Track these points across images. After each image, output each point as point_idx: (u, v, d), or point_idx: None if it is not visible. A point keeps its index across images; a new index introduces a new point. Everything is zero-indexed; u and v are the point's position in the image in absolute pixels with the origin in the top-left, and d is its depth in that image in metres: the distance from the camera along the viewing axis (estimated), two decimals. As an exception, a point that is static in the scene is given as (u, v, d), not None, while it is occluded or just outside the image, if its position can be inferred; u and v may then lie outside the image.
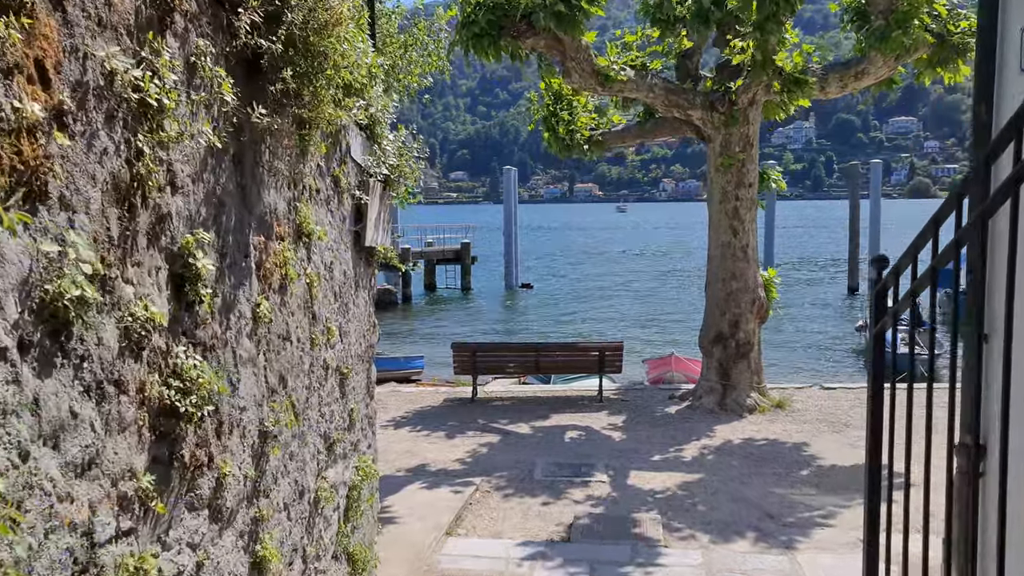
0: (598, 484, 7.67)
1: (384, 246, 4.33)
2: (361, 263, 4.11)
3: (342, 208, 3.74)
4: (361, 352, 4.15)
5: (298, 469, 3.05)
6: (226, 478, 2.26)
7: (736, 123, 9.95)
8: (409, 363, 16.91)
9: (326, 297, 3.48)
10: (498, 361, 11.51)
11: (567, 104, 11.21)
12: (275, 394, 2.74)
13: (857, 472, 7.85)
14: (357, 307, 4.04)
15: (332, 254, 3.58)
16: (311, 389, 3.24)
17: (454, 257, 34.93)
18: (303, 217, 3.08)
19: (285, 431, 2.86)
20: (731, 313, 10.31)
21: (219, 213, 2.30)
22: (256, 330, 2.57)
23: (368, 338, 4.29)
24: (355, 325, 4.02)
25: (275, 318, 2.77)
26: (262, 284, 2.65)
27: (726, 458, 8.42)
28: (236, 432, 2.37)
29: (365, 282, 4.22)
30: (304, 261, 3.17)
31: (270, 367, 2.70)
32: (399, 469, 8.22)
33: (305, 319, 3.16)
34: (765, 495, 7.31)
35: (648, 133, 11.11)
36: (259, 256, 2.64)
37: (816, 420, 9.76)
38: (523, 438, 9.35)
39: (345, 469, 3.83)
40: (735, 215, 10.20)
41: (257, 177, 2.61)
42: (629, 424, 9.87)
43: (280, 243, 2.82)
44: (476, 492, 7.50)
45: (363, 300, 4.16)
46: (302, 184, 3.10)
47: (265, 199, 2.69)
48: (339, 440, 3.68)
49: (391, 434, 9.61)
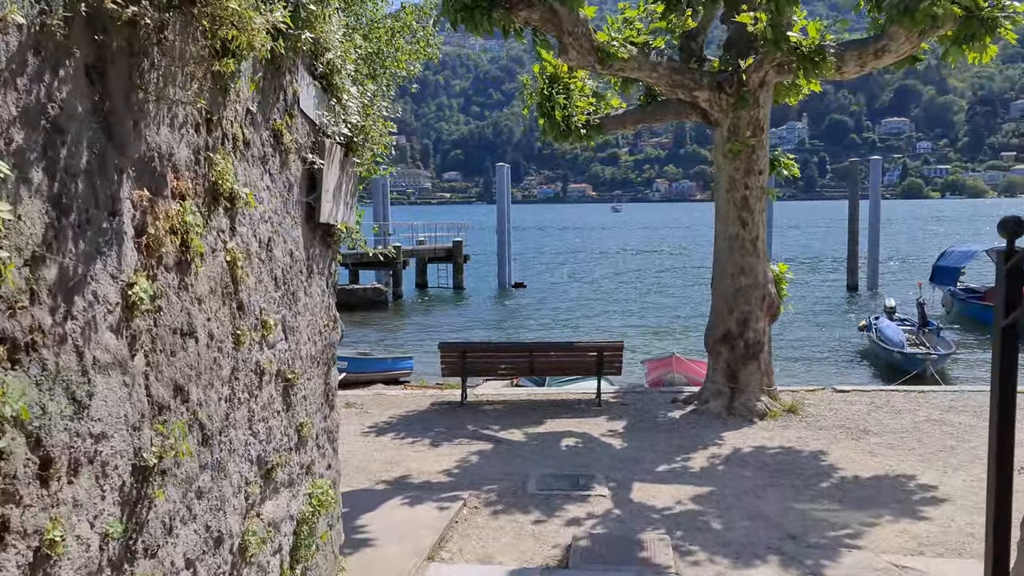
0: (598, 499, 6.92)
1: (347, 224, 3.58)
2: (316, 243, 3.36)
3: (287, 172, 2.99)
4: (316, 353, 3.40)
5: (212, 509, 2.30)
6: (56, 547, 1.50)
7: (745, 105, 9.22)
8: (397, 364, 16.17)
9: (261, 282, 2.73)
10: (489, 362, 10.75)
11: (563, 87, 10.46)
12: (165, 411, 1.99)
13: (882, 484, 7.13)
14: (310, 297, 3.29)
15: (271, 228, 2.83)
16: (234, 402, 2.50)
17: (446, 256, 34.18)
18: (221, 174, 2.33)
19: (186, 462, 2.11)
20: (739, 311, 9.58)
21: (53, 142, 1.55)
22: (129, 321, 1.82)
23: (326, 336, 3.54)
24: (307, 319, 3.27)
25: (167, 305, 2.02)
26: (144, 257, 1.90)
27: (738, 468, 7.68)
28: (86, 472, 1.63)
29: (322, 267, 3.47)
30: (224, 232, 2.42)
31: (157, 374, 1.96)
32: (379, 481, 7.45)
33: (224, 310, 2.41)
34: (784, 511, 6.57)
35: (650, 117, 10.36)
36: (139, 217, 1.89)
37: (832, 426, 9.04)
38: (515, 446, 8.59)
39: (292, 499, 3.08)
40: (744, 205, 9.47)
41: (135, 104, 1.86)
42: (630, 430, 9.12)
43: (179, 203, 2.08)
44: (463, 508, 6.73)
45: (319, 289, 3.41)
46: (220, 130, 2.35)
47: (151, 138, 1.94)
48: (281, 464, 2.93)
49: (372, 442, 8.84)
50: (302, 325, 3.20)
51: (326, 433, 3.57)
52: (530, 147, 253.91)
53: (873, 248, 30.66)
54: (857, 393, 10.62)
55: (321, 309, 3.47)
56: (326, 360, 3.56)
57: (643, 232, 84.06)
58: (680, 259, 50.20)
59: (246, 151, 2.58)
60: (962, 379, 15.93)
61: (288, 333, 3.03)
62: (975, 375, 16.59)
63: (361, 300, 28.39)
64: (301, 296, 3.18)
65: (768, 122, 9.53)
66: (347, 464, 8.00)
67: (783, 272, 10.06)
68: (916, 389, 10.77)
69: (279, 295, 2.92)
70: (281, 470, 2.93)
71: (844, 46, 8.84)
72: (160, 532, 1.95)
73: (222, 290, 2.38)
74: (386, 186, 35.05)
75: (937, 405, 9.79)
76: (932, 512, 6.46)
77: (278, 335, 2.91)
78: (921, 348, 16.73)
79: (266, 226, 2.78)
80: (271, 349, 2.85)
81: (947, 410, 9.54)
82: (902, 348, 16.17)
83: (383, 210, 33.95)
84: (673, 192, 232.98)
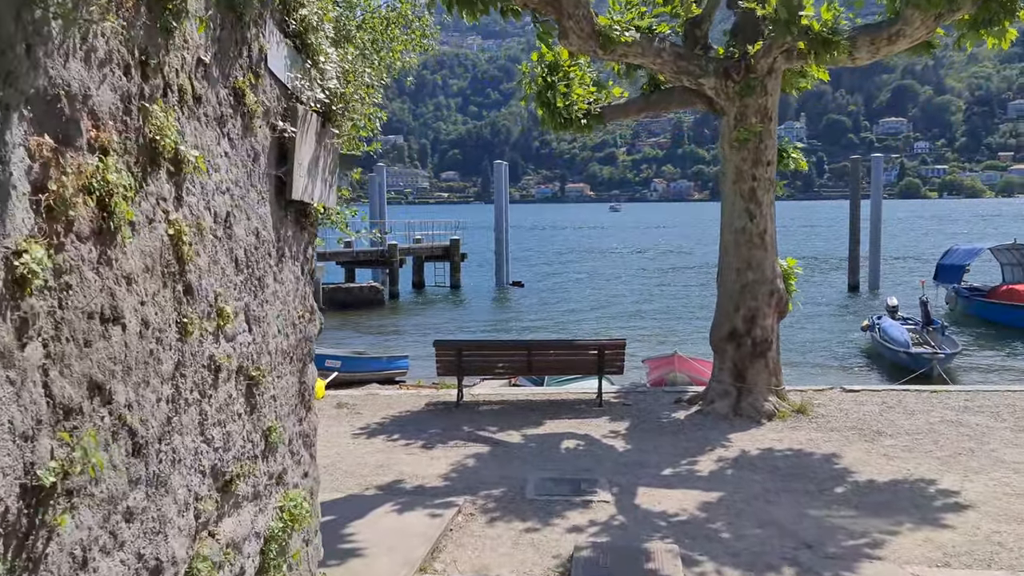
0: (601, 505, 6.54)
1: (325, 205, 3.19)
2: (288, 223, 2.98)
3: (252, 139, 2.61)
4: (288, 347, 3.02)
5: (148, 533, 1.92)
6: None
7: (752, 93, 8.84)
8: (393, 363, 15.76)
9: (216, 264, 2.35)
10: (486, 361, 10.35)
11: (563, 76, 10.07)
12: (75, 416, 1.60)
13: (899, 489, 6.76)
14: (281, 284, 2.91)
15: (231, 201, 2.45)
16: (180, 403, 2.11)
17: (443, 254, 33.76)
18: (161, 130, 1.95)
19: (108, 478, 1.72)
20: (746, 307, 9.20)
21: None
22: (16, 301, 1.43)
23: (302, 328, 3.15)
24: (277, 309, 2.88)
25: (80, 283, 1.63)
26: (44, 220, 1.52)
27: (747, 472, 7.31)
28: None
29: (295, 250, 3.08)
30: (166, 201, 2.04)
31: (63, 368, 1.57)
32: (369, 487, 7.06)
33: (166, 293, 2.03)
34: (798, 518, 6.20)
35: (653, 106, 9.97)
36: (38, 170, 1.51)
37: (844, 427, 8.66)
38: (513, 448, 8.21)
39: (258, 514, 2.69)
40: (751, 197, 9.10)
41: (29, 23, 1.47)
42: (633, 432, 8.74)
43: (99, 158, 1.69)
44: (458, 515, 6.35)
45: (292, 275, 3.03)
46: (161, 78, 1.97)
47: (55, 72, 1.56)
48: (244, 475, 2.54)
49: (363, 444, 8.45)
50: (270, 315, 2.81)
51: (302, 438, 3.18)
52: (528, 147, 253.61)
53: (874, 247, 30.29)
54: (868, 393, 10.24)
55: (295, 298, 3.08)
56: (301, 356, 3.17)
57: (644, 231, 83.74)
58: (682, 258, 49.86)
59: (197, 108, 2.20)
60: (970, 378, 15.58)
61: (252, 324, 2.65)
62: (985, 375, 16.24)
63: (357, 299, 28.00)
64: (269, 282, 2.80)
65: (776, 111, 9.16)
66: (336, 468, 7.62)
67: (792, 267, 9.68)
68: (929, 389, 10.40)
69: (241, 280, 2.54)
70: (244, 481, 2.55)
71: (857, 31, 8.46)
72: (68, 567, 1.57)
73: (163, 269, 2.00)
74: (383, 184, 34.65)
75: (951, 406, 9.42)
76: (955, 520, 6.09)
77: (239, 326, 2.53)
78: (926, 347, 16.39)
79: (224, 198, 2.40)
80: (230, 342, 2.47)
81: (962, 411, 9.17)
82: (907, 348, 15.81)
83: (379, 208, 33.56)
84: (671, 192, 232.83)
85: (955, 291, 23.99)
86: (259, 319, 2.70)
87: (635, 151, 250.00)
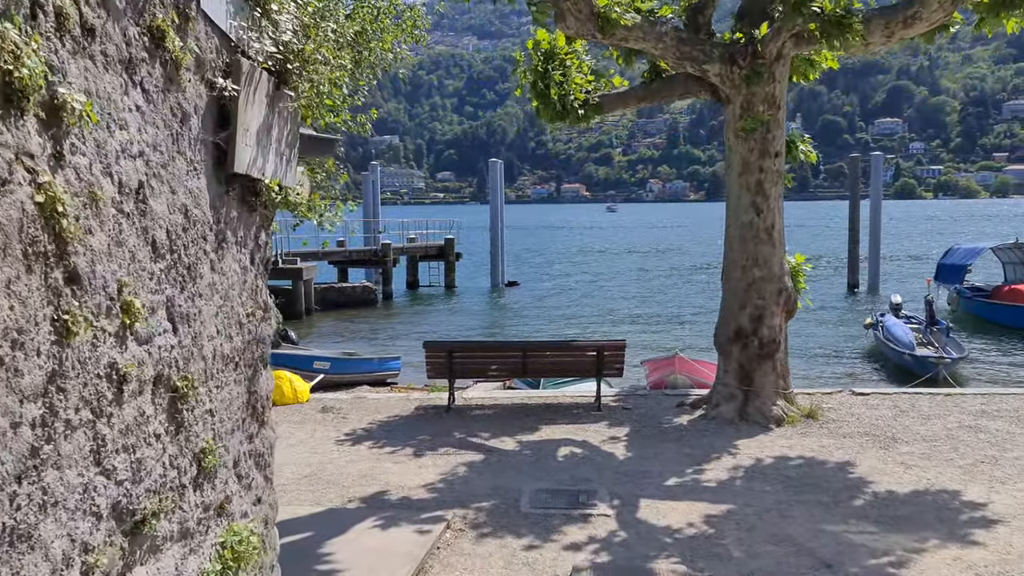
0: (601, 519, 6.05)
1: (281, 183, 2.70)
2: (231, 202, 2.48)
3: (179, 95, 2.12)
4: (232, 351, 2.52)
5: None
6: None
7: (760, 80, 8.37)
8: (383, 364, 15.25)
9: (122, 246, 1.87)
10: (479, 363, 9.86)
11: (560, 64, 9.57)
12: None
13: (921, 501, 6.28)
14: (221, 275, 2.42)
15: (147, 169, 1.96)
16: (55, 427, 1.62)
17: (437, 253, 33.21)
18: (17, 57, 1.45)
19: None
20: (753, 306, 8.72)
21: None
22: None
23: (251, 328, 2.66)
24: (215, 305, 2.39)
25: None
26: None
27: (758, 483, 6.83)
28: None
29: (242, 235, 2.59)
30: (32, 158, 1.55)
31: None
32: (351, 499, 6.56)
33: (30, 280, 1.54)
34: (814, 533, 5.72)
35: (654, 95, 9.47)
36: None
37: (857, 433, 8.19)
38: (507, 456, 7.72)
39: (187, 556, 2.20)
40: (758, 190, 8.62)
41: None
42: (634, 438, 8.26)
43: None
44: (446, 531, 5.85)
45: (237, 265, 2.53)
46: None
47: None
48: (164, 511, 2.06)
49: (347, 451, 7.95)
50: (206, 313, 2.33)
51: (253, 458, 2.69)
52: (524, 147, 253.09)
53: (874, 247, 29.90)
54: (879, 396, 9.77)
55: (241, 292, 2.59)
56: (251, 360, 2.68)
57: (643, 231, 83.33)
58: (682, 258, 49.42)
59: (89, 43, 1.72)
60: (977, 382, 15.13)
61: (179, 322, 2.16)
62: (993, 378, 15.79)
63: (350, 299, 27.50)
64: (205, 272, 2.31)
65: (785, 100, 8.69)
66: (317, 478, 7.12)
67: (800, 264, 9.20)
68: (943, 392, 9.93)
69: (161, 268, 2.06)
70: (165, 519, 2.05)
71: (871, 13, 8.00)
72: None
73: (24, 248, 1.51)
74: (377, 183, 34.14)
75: (968, 409, 8.95)
76: (985, 536, 5.62)
77: (158, 324, 2.05)
78: (930, 348, 15.95)
79: (135, 164, 1.91)
80: (143, 345, 1.98)
81: (980, 415, 8.71)
82: (912, 350, 15.35)
83: (373, 207, 33.05)
84: (667, 192, 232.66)
85: (957, 291, 23.57)
86: (189, 317, 2.22)
87: (631, 151, 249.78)
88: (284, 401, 10.05)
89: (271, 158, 2.66)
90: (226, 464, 2.46)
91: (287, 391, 10.06)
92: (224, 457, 2.44)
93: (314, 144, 4.96)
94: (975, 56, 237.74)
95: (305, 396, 10.23)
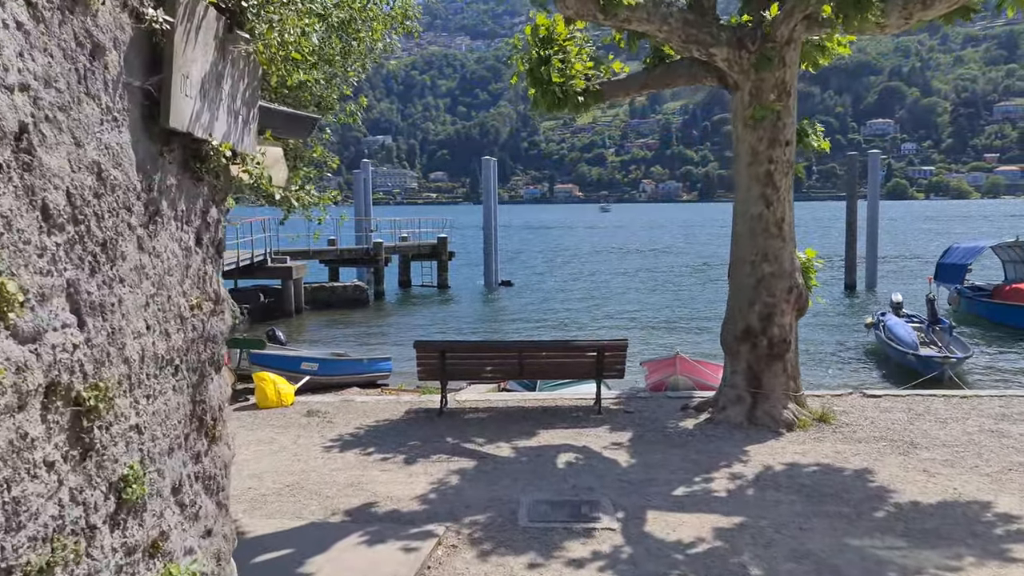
0: (605, 533, 5.58)
1: (235, 147, 2.21)
2: (169, 166, 2.00)
3: (86, 19, 1.65)
4: (171, 351, 2.04)
5: None
6: None
7: (769, 65, 7.92)
8: (374, 366, 14.73)
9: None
10: (472, 364, 9.38)
11: (559, 50, 9.10)
12: None
13: (950, 512, 5.84)
14: (155, 256, 1.94)
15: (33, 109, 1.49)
16: None
17: (430, 253, 32.69)
18: None
19: None
20: (762, 303, 8.27)
21: None
22: None
23: (197, 324, 2.18)
24: (144, 295, 1.91)
25: None
26: None
27: (771, 492, 6.37)
28: None
29: (183, 209, 2.11)
30: None
31: None
32: (335, 512, 6.07)
33: None
34: (837, 549, 5.26)
35: (657, 81, 9.01)
36: None
37: (872, 438, 7.75)
38: (503, 464, 7.24)
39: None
40: (768, 181, 8.17)
41: None
42: (637, 443, 7.80)
43: None
44: (438, 548, 5.37)
45: (177, 245, 2.05)
46: None
47: None
48: (62, 563, 1.56)
49: (333, 459, 7.46)
50: (130, 303, 1.85)
51: (200, 481, 2.20)
52: (517, 148, 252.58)
53: (871, 245, 29.59)
54: (891, 399, 9.34)
55: (183, 279, 2.10)
56: (196, 363, 2.19)
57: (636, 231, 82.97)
58: (680, 257, 49.05)
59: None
60: (983, 383, 14.75)
61: (88, 314, 1.69)
62: (1003, 377, 15.42)
63: (340, 298, 27.00)
64: (129, 251, 1.83)
65: (796, 86, 8.24)
66: (300, 488, 6.63)
67: (811, 259, 8.76)
68: (958, 394, 9.51)
69: (59, 242, 1.59)
70: (60, 571, 1.57)
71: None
72: None
73: None
74: (368, 181, 33.60)
75: (987, 412, 8.53)
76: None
77: (53, 317, 1.57)
78: (934, 348, 15.58)
79: (15, 99, 1.44)
80: (28, 344, 1.50)
81: (1000, 418, 8.29)
82: (915, 349, 14.98)
83: (365, 206, 32.52)
84: (660, 193, 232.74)
85: (958, 291, 23.23)
86: (104, 308, 1.74)
87: (624, 152, 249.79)
88: (267, 404, 9.54)
89: (222, 116, 2.18)
90: (161, 492, 1.98)
91: (270, 394, 9.56)
92: (158, 484, 1.96)
93: (290, 122, 4.45)
94: (966, 57, 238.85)
95: (290, 399, 9.73)
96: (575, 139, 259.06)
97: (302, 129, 4.60)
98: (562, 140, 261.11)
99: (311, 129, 4.58)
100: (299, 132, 4.62)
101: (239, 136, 2.34)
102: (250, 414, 9.30)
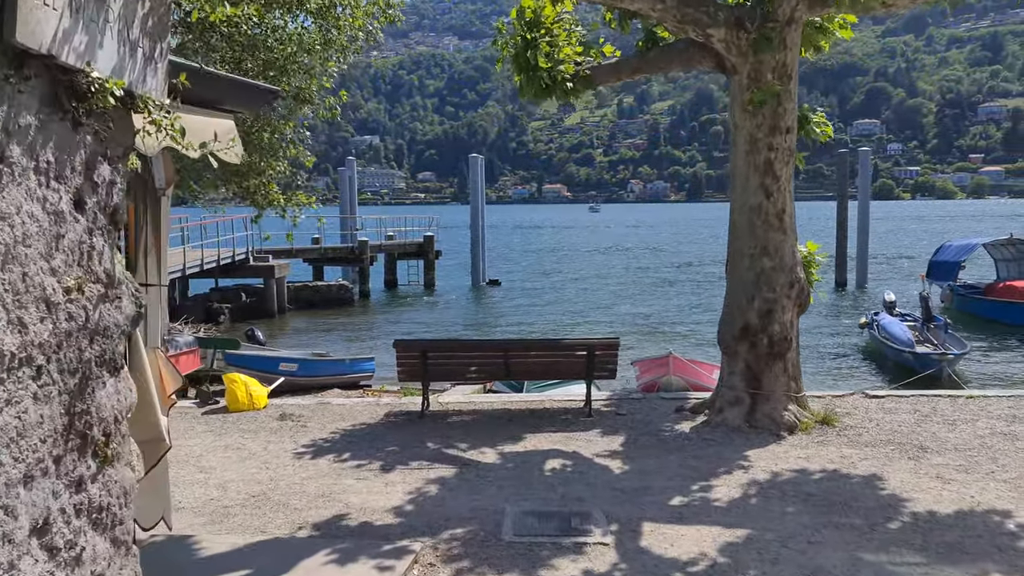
0: (598, 549, 5.10)
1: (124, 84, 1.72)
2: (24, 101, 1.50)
3: None
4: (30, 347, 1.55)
5: None
6: None
7: (769, 47, 7.48)
8: (356, 366, 14.18)
9: None
10: (456, 364, 8.89)
11: (546, 32, 8.62)
12: None
13: (969, 523, 5.40)
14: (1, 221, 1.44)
15: None
16: None
17: (416, 252, 32.13)
18: None
19: None
20: (762, 299, 7.83)
21: None
22: None
23: (75, 312, 1.68)
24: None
25: None
26: None
27: (775, 501, 5.91)
28: None
29: (50, 162, 1.61)
30: None
31: None
32: (302, 526, 5.55)
33: None
34: (851, 566, 4.81)
35: (651, 65, 8.54)
36: None
37: (879, 441, 7.32)
38: (487, 471, 6.75)
39: None
40: (768, 170, 7.73)
41: None
42: (630, 448, 7.33)
43: None
44: (414, 566, 4.87)
45: (39, 209, 1.55)
46: None
47: None
48: None
49: (304, 467, 6.94)
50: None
51: (86, 515, 1.70)
52: (505, 148, 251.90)
53: (862, 243, 29.38)
54: (894, 399, 8.93)
55: (51, 252, 1.61)
56: (76, 364, 1.69)
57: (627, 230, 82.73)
58: (672, 256, 48.73)
59: None
60: (981, 381, 14.41)
61: None
62: (997, 377, 15.09)
63: (325, 298, 26.42)
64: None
65: (797, 70, 7.81)
66: (267, 499, 6.10)
67: (813, 253, 8.33)
68: (964, 394, 9.11)
69: None
70: None
71: (895, -31, 7.14)
72: None
73: None
74: (353, 179, 33.01)
75: (996, 414, 8.13)
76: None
77: None
78: (929, 346, 15.25)
79: None
80: None
81: (1011, 420, 7.89)
82: (912, 347, 14.66)
83: (350, 204, 31.94)
84: (648, 192, 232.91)
85: (951, 288, 23.00)
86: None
87: (612, 152, 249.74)
88: (238, 407, 9.00)
89: (108, 43, 1.69)
90: (11, 537, 1.49)
91: (241, 396, 9.02)
92: (7, 525, 1.47)
93: (239, 90, 3.94)
94: (951, 58, 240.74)
95: (262, 402, 9.19)
96: (563, 139, 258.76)
97: (254, 101, 4.08)
98: (550, 140, 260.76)
99: (265, 102, 4.06)
100: (251, 104, 4.11)
101: (139, 75, 1.84)
102: (219, 417, 8.77)
